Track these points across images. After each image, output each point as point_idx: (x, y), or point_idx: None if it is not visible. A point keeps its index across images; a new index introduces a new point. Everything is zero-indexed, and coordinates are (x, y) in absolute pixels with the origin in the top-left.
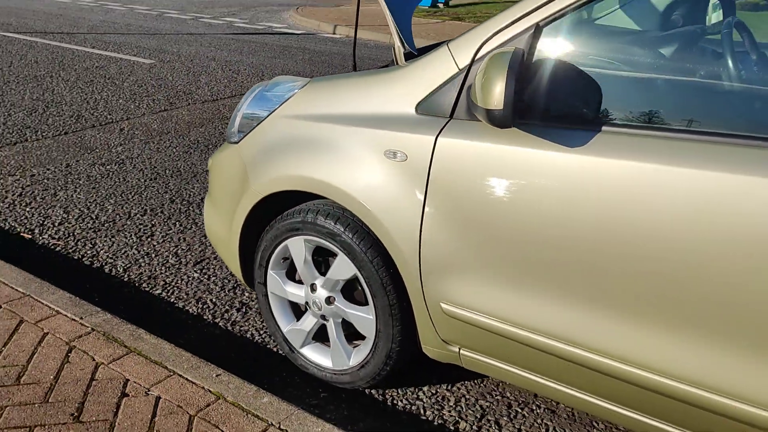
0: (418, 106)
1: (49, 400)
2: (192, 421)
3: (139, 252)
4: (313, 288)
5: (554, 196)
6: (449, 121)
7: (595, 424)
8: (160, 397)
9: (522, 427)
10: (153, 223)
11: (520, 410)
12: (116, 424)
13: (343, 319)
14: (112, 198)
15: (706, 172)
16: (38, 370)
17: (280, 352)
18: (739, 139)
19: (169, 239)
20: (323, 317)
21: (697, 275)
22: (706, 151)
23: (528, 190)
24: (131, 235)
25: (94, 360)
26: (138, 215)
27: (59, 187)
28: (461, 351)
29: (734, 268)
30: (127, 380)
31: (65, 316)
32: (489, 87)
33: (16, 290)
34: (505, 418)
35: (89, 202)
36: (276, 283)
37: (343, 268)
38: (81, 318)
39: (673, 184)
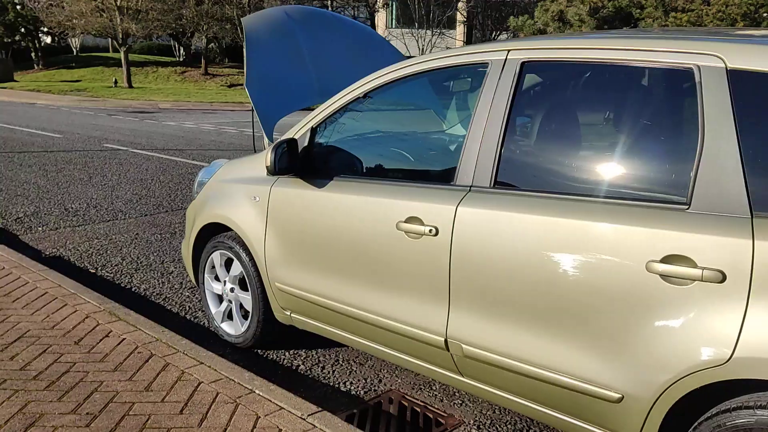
0: (266, 171)
1: None
2: (142, 349)
3: (158, 280)
4: (225, 284)
5: (315, 214)
6: (278, 178)
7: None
8: (137, 346)
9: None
10: (173, 268)
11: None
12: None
13: (241, 303)
14: (157, 253)
15: (383, 200)
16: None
17: (210, 327)
18: (428, 184)
19: (179, 275)
20: (230, 302)
21: (360, 252)
22: (386, 189)
23: (304, 212)
24: (157, 272)
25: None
26: (167, 263)
27: (125, 246)
28: (291, 314)
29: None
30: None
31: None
32: (266, 156)
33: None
34: (354, 362)
35: (140, 255)
36: (208, 282)
37: (237, 269)
38: (101, 304)
39: (364, 207)
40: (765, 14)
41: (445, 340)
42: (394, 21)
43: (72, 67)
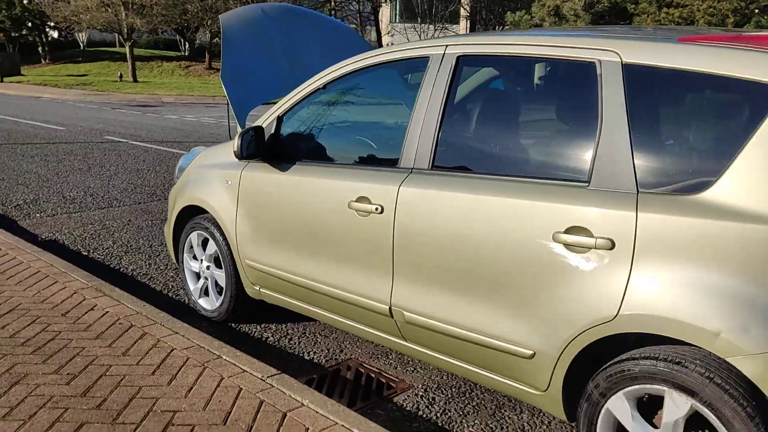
0: (255, 158)
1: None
2: (123, 320)
3: (146, 262)
4: (202, 262)
5: (279, 196)
6: (248, 163)
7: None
8: (119, 317)
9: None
10: (161, 251)
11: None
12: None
13: (216, 280)
14: (146, 237)
15: (337, 181)
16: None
17: (189, 303)
18: (376, 167)
19: (165, 257)
20: (206, 279)
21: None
22: (340, 172)
23: (270, 194)
24: (146, 255)
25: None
26: (155, 246)
27: (117, 231)
28: (261, 289)
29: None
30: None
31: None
32: (234, 142)
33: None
34: (320, 335)
35: (131, 239)
36: (187, 261)
37: (212, 248)
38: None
39: (321, 188)
40: (756, 10)
41: (390, 308)
42: (397, 16)
43: (78, 61)
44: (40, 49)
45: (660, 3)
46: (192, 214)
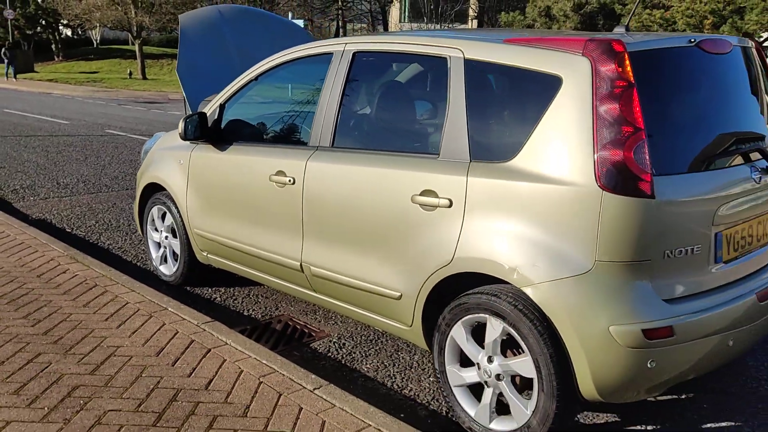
0: (201, 139)
1: None
2: (90, 281)
3: (122, 238)
4: (161, 233)
5: (219, 173)
6: (197, 145)
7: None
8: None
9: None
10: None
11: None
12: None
13: (173, 249)
14: (128, 218)
15: (262, 158)
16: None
17: (152, 270)
18: (293, 146)
19: (140, 235)
20: (165, 248)
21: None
22: (265, 150)
23: (212, 171)
24: (123, 232)
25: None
26: (133, 225)
27: (101, 212)
28: (207, 255)
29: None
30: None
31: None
32: (179, 126)
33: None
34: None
35: (112, 219)
36: (149, 233)
37: (169, 220)
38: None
39: (249, 164)
40: (736, 10)
41: (301, 264)
42: (406, 16)
43: (91, 58)
44: (53, 46)
45: (646, 3)
46: (153, 191)
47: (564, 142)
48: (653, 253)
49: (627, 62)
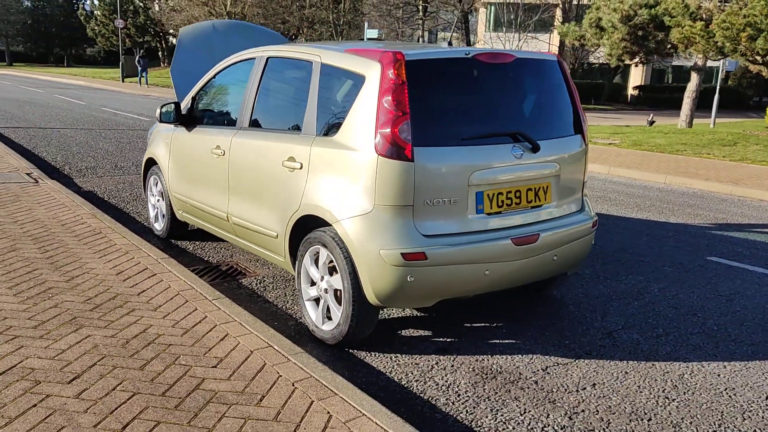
0: (173, 123)
1: None
2: (97, 230)
3: (144, 206)
4: (155, 197)
5: (186, 147)
6: (176, 128)
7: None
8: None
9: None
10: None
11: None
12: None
13: (162, 209)
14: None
15: (209, 136)
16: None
17: (149, 226)
18: (228, 127)
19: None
20: (157, 209)
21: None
22: (212, 131)
23: (182, 147)
24: (144, 202)
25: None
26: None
27: (137, 188)
28: (182, 213)
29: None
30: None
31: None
32: (156, 112)
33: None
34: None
35: (142, 193)
36: (150, 198)
37: (159, 186)
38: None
39: (202, 141)
40: None
41: (227, 215)
42: (491, 25)
43: None
44: (160, 53)
45: (693, 17)
46: (152, 164)
47: (362, 122)
48: (415, 200)
49: (403, 67)
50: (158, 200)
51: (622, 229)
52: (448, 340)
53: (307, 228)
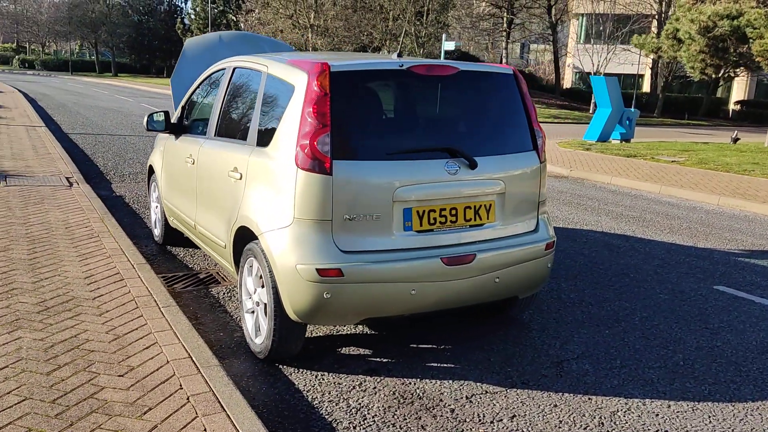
0: (163, 131)
1: None
2: (95, 231)
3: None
4: (155, 203)
5: (172, 156)
6: (170, 137)
7: None
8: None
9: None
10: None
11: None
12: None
13: (158, 216)
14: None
15: (186, 145)
16: None
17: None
18: (200, 136)
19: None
20: (155, 214)
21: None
22: (189, 140)
23: (170, 155)
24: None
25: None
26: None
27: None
28: (172, 220)
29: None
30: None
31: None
32: (144, 120)
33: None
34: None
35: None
36: (151, 201)
37: (157, 192)
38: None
39: (181, 150)
40: None
41: (194, 224)
42: (582, 37)
43: None
44: None
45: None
46: (153, 171)
47: (287, 133)
48: (334, 215)
49: (327, 79)
50: (156, 206)
51: (636, 252)
52: (384, 360)
53: (245, 239)
